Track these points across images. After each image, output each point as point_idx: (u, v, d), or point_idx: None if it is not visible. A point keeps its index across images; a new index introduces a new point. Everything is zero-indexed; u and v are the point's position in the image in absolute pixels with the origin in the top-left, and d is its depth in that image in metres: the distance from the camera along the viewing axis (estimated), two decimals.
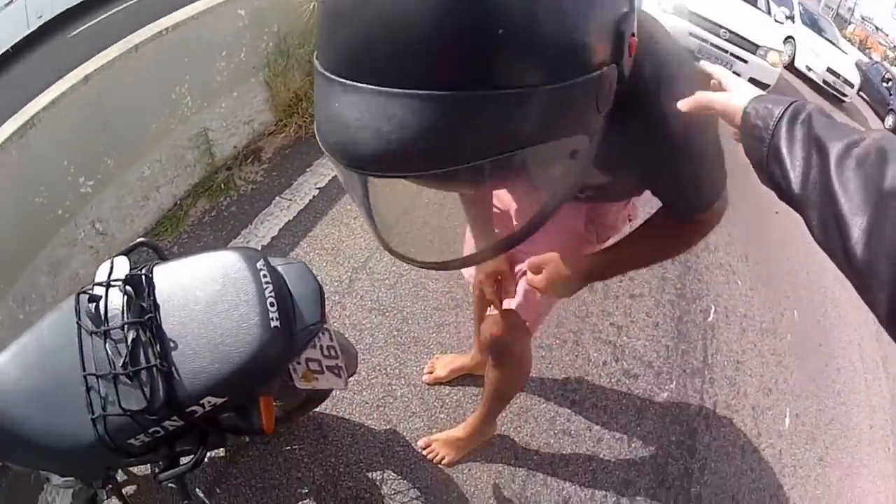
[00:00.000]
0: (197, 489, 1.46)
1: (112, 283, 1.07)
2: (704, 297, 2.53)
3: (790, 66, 8.77)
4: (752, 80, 5.15)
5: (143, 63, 1.98)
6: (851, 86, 9.02)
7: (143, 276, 1.07)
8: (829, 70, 8.87)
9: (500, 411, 1.67)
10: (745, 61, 5.68)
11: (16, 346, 1.07)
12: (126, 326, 1.01)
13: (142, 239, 1.23)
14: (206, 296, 1.06)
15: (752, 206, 3.27)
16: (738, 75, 0.78)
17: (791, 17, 9.18)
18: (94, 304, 1.05)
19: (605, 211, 1.21)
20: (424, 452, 1.68)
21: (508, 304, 1.25)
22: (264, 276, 1.08)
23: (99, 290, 1.07)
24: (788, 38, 8.66)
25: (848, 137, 0.52)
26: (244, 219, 2.29)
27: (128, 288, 1.04)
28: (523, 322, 1.25)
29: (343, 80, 0.50)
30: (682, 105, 0.66)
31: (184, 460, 1.09)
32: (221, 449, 1.52)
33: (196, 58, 2.27)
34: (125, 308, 1.02)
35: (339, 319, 1.95)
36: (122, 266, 1.12)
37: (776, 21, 7.49)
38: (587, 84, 0.54)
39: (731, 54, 5.64)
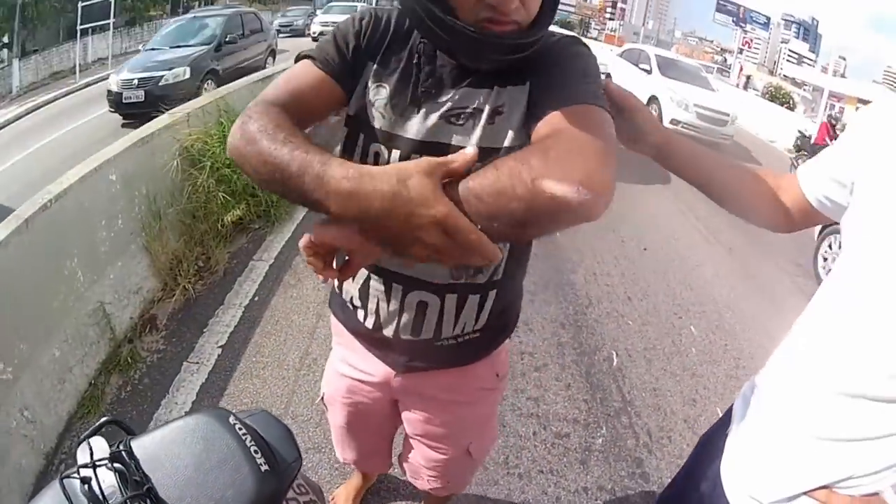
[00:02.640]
0: None
1: (98, 462, 1.07)
2: (603, 347, 2.72)
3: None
4: None
5: (35, 239, 1.98)
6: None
7: (126, 452, 1.09)
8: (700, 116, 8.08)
9: None
10: None
11: None
12: (129, 501, 1.00)
13: (106, 417, 1.23)
14: (192, 460, 1.07)
15: (619, 248, 3.76)
16: None
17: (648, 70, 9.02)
18: (87, 485, 1.04)
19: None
20: None
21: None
22: (239, 428, 1.13)
23: (86, 473, 1.06)
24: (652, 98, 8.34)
25: None
26: (159, 389, 2.22)
27: (117, 465, 1.05)
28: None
29: None
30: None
31: None
32: None
33: (80, 228, 2.28)
34: (120, 484, 1.02)
35: None
36: (100, 445, 1.12)
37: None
38: None
39: None
